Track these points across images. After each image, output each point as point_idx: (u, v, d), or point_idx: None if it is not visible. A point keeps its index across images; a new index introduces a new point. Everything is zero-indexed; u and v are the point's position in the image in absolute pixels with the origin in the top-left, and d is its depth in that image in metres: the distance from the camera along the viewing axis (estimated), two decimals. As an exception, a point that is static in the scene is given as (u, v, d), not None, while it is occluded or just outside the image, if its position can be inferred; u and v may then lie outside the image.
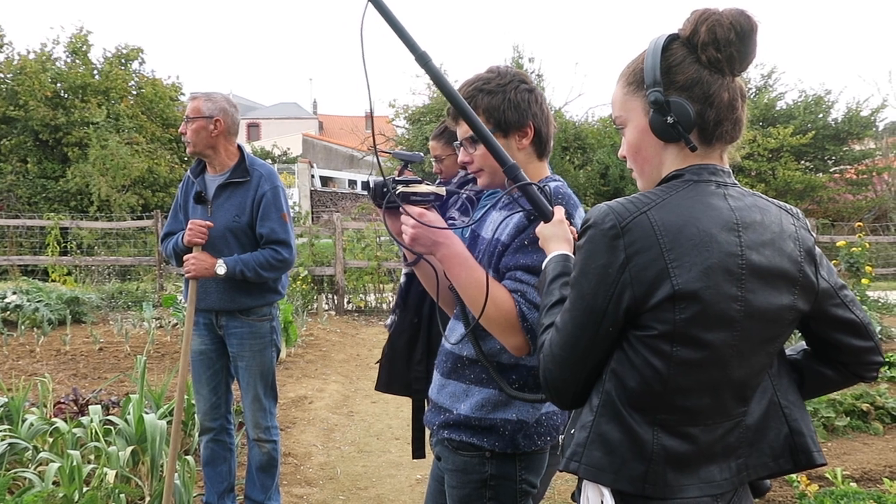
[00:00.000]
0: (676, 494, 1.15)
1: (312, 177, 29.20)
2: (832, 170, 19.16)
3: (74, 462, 2.94)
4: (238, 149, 3.10)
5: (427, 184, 1.66)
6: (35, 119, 16.56)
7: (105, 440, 3.37)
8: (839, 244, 7.76)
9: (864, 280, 7.42)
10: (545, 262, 1.38)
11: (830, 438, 4.45)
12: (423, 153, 3.40)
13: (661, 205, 1.13)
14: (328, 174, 32.16)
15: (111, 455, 3.14)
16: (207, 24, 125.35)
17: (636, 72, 1.24)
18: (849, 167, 19.15)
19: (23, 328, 7.61)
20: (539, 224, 1.48)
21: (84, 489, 2.91)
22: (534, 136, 1.69)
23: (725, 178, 1.20)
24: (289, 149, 30.95)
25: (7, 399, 3.86)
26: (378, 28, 1.43)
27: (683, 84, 1.19)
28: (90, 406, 3.83)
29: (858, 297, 1.40)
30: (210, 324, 3.09)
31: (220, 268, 2.89)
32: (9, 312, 8.10)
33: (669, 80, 1.19)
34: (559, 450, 1.31)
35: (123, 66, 18.88)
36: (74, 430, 3.45)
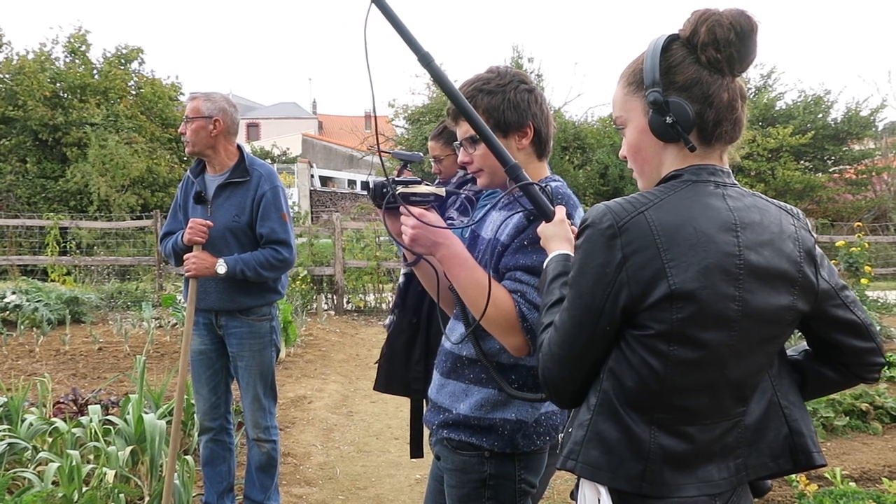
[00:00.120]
0: (674, 493, 1.15)
1: (312, 177, 29.19)
2: (831, 170, 19.19)
3: (74, 462, 2.94)
4: (238, 149, 3.10)
5: (427, 184, 1.66)
6: (34, 119, 16.56)
7: (104, 440, 3.36)
8: (838, 244, 7.76)
9: (864, 280, 7.42)
10: (546, 262, 1.38)
11: (830, 438, 4.45)
12: (423, 153, 3.39)
13: (659, 205, 1.14)
14: (327, 174, 32.15)
15: (110, 455, 3.14)
16: (207, 24, 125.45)
17: (636, 72, 1.24)
18: (848, 167, 19.17)
19: (22, 328, 7.61)
20: (540, 224, 1.49)
21: (83, 489, 2.91)
22: (533, 137, 1.69)
23: (725, 179, 1.20)
24: (288, 149, 30.96)
25: (6, 399, 3.86)
26: (378, 28, 1.43)
27: (683, 84, 1.19)
28: (89, 406, 3.83)
29: (857, 297, 1.38)
30: (210, 323, 3.08)
31: (221, 267, 2.89)
32: (8, 312, 8.10)
33: (669, 81, 1.19)
34: (558, 449, 1.31)
35: (123, 67, 18.88)
36: (74, 430, 3.45)
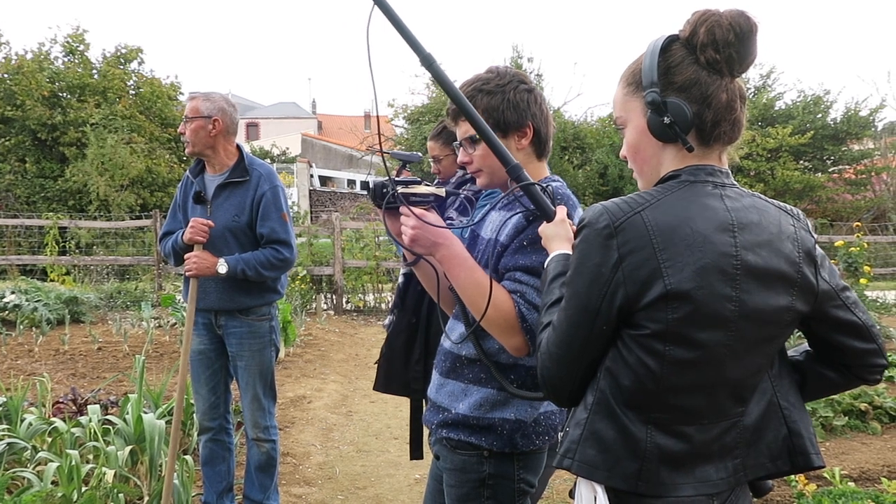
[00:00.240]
0: (671, 493, 1.15)
1: (311, 176, 29.18)
2: (831, 170, 19.20)
3: (73, 462, 2.94)
4: (237, 148, 3.10)
5: (426, 184, 1.66)
6: (32, 119, 16.55)
7: (104, 440, 3.36)
8: (837, 244, 7.75)
9: (863, 280, 7.41)
10: (547, 262, 1.39)
11: (828, 438, 4.46)
12: (422, 153, 3.40)
13: (656, 205, 1.14)
14: (327, 174, 32.14)
15: (110, 455, 3.14)
16: (206, 24, 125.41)
17: (635, 73, 1.24)
18: (847, 167, 19.18)
19: (21, 328, 7.60)
20: (540, 224, 1.49)
21: (83, 489, 2.91)
22: (533, 137, 1.69)
23: (723, 179, 1.20)
24: (288, 148, 30.97)
25: (6, 399, 3.86)
26: (378, 28, 1.43)
27: (681, 85, 1.19)
28: (89, 406, 3.83)
29: (859, 298, 1.38)
30: (209, 323, 3.08)
31: (222, 267, 2.89)
32: (7, 312, 8.10)
33: (668, 81, 1.19)
34: (557, 449, 1.32)
35: (122, 66, 18.86)
36: (73, 430, 3.45)
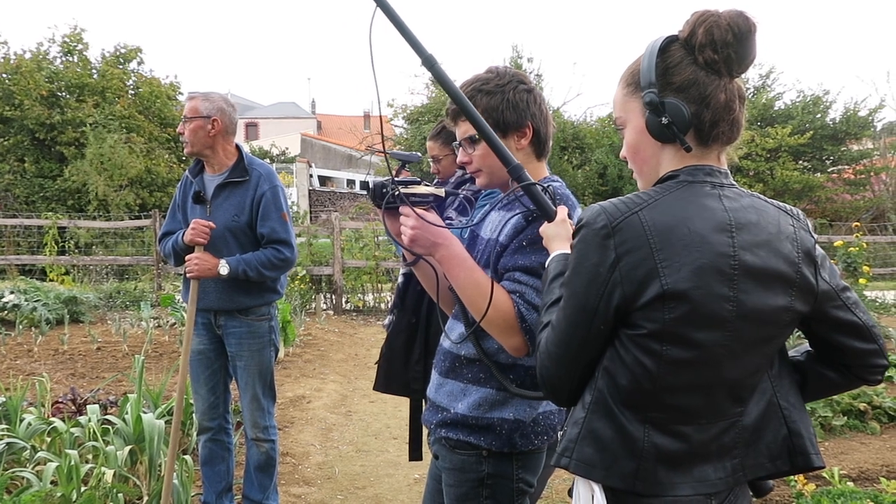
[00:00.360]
0: (668, 492, 1.15)
1: (311, 176, 29.18)
2: (830, 170, 19.22)
3: (72, 461, 2.94)
4: (237, 148, 3.10)
5: (426, 184, 1.66)
6: (30, 118, 16.53)
7: (103, 440, 3.36)
8: (837, 244, 7.75)
9: (862, 280, 7.41)
10: (548, 261, 1.39)
11: (828, 438, 4.46)
12: (421, 153, 3.40)
13: (654, 205, 1.14)
14: (326, 174, 32.13)
15: (109, 454, 3.14)
16: (206, 24, 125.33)
17: (634, 73, 1.25)
18: (847, 167, 19.20)
19: (21, 328, 7.60)
20: (540, 224, 1.49)
21: (82, 489, 2.91)
22: (532, 137, 1.70)
23: (722, 179, 1.20)
24: (287, 148, 30.95)
25: (5, 398, 3.86)
26: (378, 28, 1.43)
27: (680, 85, 1.19)
28: (88, 405, 3.83)
29: (860, 299, 1.38)
30: (208, 323, 3.08)
31: (224, 268, 2.89)
32: (7, 312, 8.10)
33: (666, 82, 1.20)
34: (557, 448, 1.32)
35: (122, 66, 18.85)
36: (72, 430, 3.45)
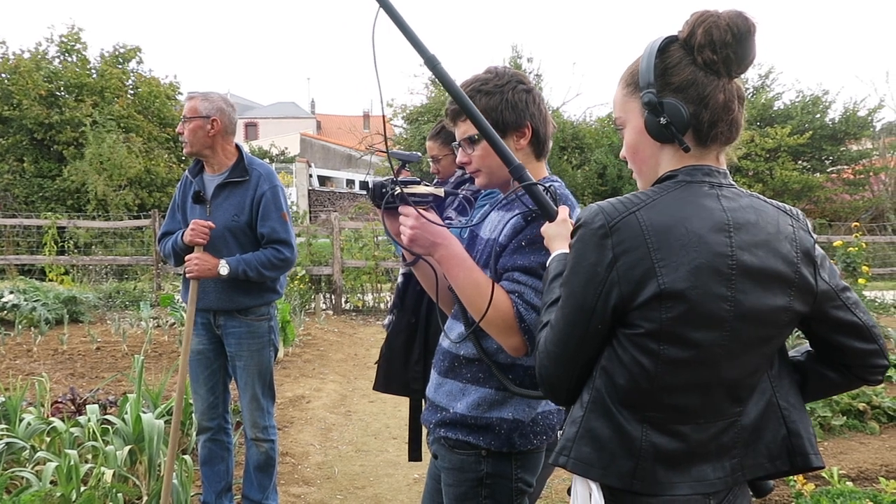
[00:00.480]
0: (666, 491, 1.15)
1: (310, 176, 29.17)
2: (829, 170, 19.23)
3: (72, 461, 2.94)
4: (236, 148, 3.10)
5: (425, 184, 1.66)
6: (29, 118, 16.52)
7: (102, 439, 3.36)
8: (836, 244, 7.74)
9: (861, 280, 7.42)
10: (549, 261, 1.39)
11: (827, 438, 4.46)
12: (421, 153, 3.40)
13: (651, 205, 1.14)
14: (326, 174, 32.14)
15: (109, 454, 3.14)
16: (205, 24, 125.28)
17: (634, 74, 1.25)
18: (846, 167, 19.22)
19: (20, 328, 7.60)
20: (540, 224, 1.50)
21: (81, 488, 2.91)
22: (531, 137, 1.70)
23: (721, 179, 1.20)
24: (286, 148, 30.96)
25: (4, 398, 3.86)
26: (378, 28, 1.43)
27: (678, 85, 1.19)
28: (88, 405, 3.83)
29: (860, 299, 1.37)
30: (208, 323, 3.08)
31: (224, 268, 2.89)
32: (6, 312, 8.10)
33: (665, 82, 1.20)
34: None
35: (121, 66, 18.83)
36: (72, 430, 3.45)
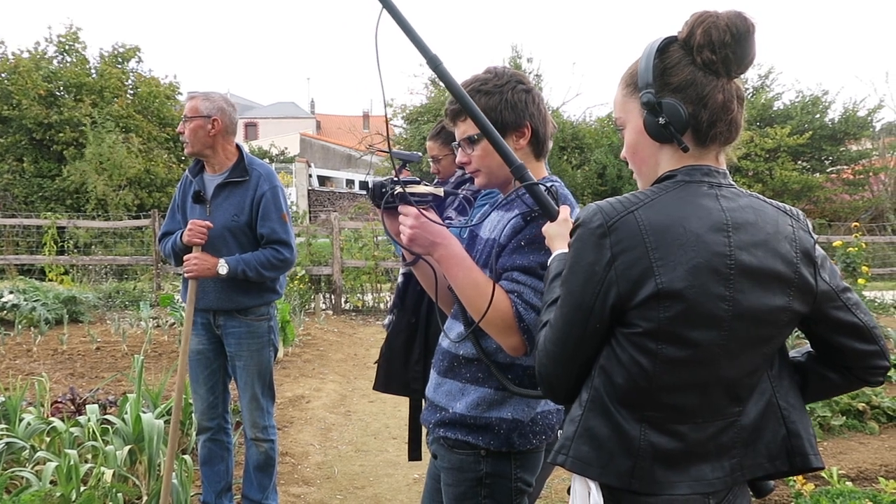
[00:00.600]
0: (665, 491, 1.15)
1: (310, 176, 29.19)
2: (829, 170, 19.24)
3: (72, 461, 2.94)
4: (237, 148, 3.10)
5: (425, 184, 1.67)
6: (29, 118, 16.51)
7: (102, 439, 3.36)
8: (836, 244, 7.75)
9: (861, 280, 7.42)
10: (550, 260, 1.39)
11: (826, 438, 4.47)
12: (421, 153, 3.40)
13: (650, 205, 1.15)
14: (326, 174, 32.15)
15: (108, 454, 3.14)
16: (205, 23, 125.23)
17: (633, 74, 1.25)
18: (845, 167, 19.22)
19: (20, 327, 7.60)
20: (540, 224, 1.50)
21: (81, 488, 2.91)
22: (531, 137, 1.70)
23: (720, 179, 1.20)
24: (286, 148, 30.95)
25: (4, 398, 3.86)
26: (378, 28, 1.43)
27: (677, 86, 1.19)
28: (87, 405, 3.83)
29: (861, 300, 1.37)
30: (208, 323, 3.08)
31: (223, 268, 2.89)
32: (6, 312, 8.10)
33: (664, 82, 1.20)
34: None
35: (120, 65, 18.82)
36: (72, 430, 3.45)
